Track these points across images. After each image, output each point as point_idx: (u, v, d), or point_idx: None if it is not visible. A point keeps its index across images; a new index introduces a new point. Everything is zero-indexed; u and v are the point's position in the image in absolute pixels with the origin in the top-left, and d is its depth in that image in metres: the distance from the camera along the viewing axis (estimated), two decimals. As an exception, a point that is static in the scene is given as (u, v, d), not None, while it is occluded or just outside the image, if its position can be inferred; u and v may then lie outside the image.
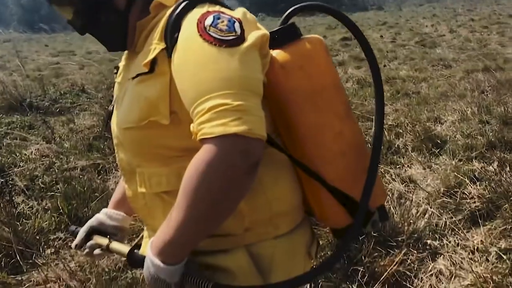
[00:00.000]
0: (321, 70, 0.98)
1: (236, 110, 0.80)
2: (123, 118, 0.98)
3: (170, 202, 0.95)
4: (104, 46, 1.05)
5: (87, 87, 7.22)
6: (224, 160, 0.80)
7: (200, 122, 0.81)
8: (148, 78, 0.92)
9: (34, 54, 14.49)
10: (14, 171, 3.69)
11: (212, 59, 0.84)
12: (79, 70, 10.35)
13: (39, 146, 4.24)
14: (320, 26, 18.75)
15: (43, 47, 18.03)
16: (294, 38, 0.98)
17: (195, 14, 0.89)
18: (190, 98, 0.84)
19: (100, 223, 1.22)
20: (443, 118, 4.65)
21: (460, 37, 11.24)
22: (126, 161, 1.03)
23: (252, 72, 0.85)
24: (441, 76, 6.73)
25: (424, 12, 22.29)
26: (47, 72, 10.08)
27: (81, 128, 5.25)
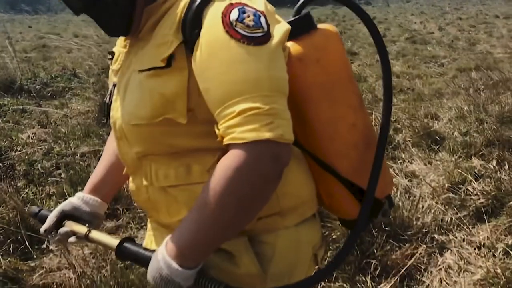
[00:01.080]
0: (337, 63, 0.97)
1: (268, 114, 0.78)
2: (131, 113, 0.92)
3: (174, 196, 0.94)
4: (104, 30, 0.96)
5: (78, 72, 7.09)
6: (255, 167, 0.78)
7: (229, 126, 0.79)
8: (163, 73, 0.87)
9: (18, 35, 14.12)
10: (12, 155, 3.61)
11: (240, 58, 0.80)
12: (67, 53, 10.14)
13: (36, 130, 4.15)
14: (310, 18, 18.74)
15: (27, 29, 17.59)
16: (310, 29, 0.96)
17: (217, 6, 0.84)
18: (216, 99, 0.81)
19: (74, 208, 1.12)
20: (440, 115, 4.72)
21: (449, 35, 11.41)
22: (130, 155, 0.98)
23: (280, 71, 0.83)
24: (434, 73, 6.83)
25: (412, 9, 22.53)
26: (35, 54, 9.84)
27: (76, 113, 5.17)
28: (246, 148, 0.77)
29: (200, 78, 0.83)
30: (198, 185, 0.89)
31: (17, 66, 6.70)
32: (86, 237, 1.04)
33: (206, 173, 0.89)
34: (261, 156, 0.78)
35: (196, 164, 0.91)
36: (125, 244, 0.94)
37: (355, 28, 14.14)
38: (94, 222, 1.13)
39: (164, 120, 0.87)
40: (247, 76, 0.79)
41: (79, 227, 1.06)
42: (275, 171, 0.80)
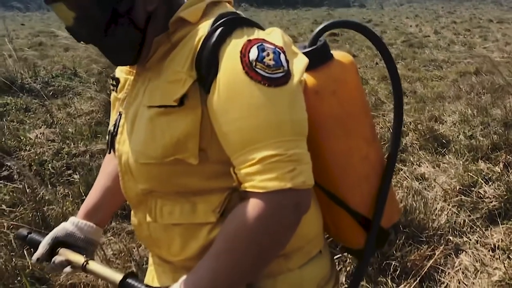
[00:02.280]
0: (353, 94, 0.94)
1: (290, 160, 0.75)
2: (139, 151, 0.88)
3: (177, 235, 0.91)
4: (109, 59, 0.92)
5: (78, 71, 7.05)
6: (276, 217, 0.76)
7: (249, 173, 0.77)
8: (175, 112, 0.83)
9: (12, 33, 13.96)
10: (22, 155, 3.59)
11: (261, 102, 0.76)
12: (64, 52, 10.07)
13: (43, 130, 4.12)
14: (306, 20, 18.85)
15: (20, 26, 17.43)
16: (326, 60, 0.93)
17: (235, 44, 0.80)
18: (235, 144, 0.78)
19: (68, 234, 1.06)
20: (443, 119, 4.79)
21: (446, 39, 11.53)
22: (135, 191, 0.94)
23: (301, 112, 0.80)
24: (434, 77, 6.91)
25: (406, 12, 22.70)
26: (32, 52, 9.75)
27: (80, 113, 5.15)
28: (267, 198, 0.75)
29: (217, 121, 0.80)
30: (202, 226, 0.88)
31: (17, 65, 6.65)
32: (83, 268, 0.98)
33: (211, 214, 0.87)
34: (283, 206, 0.75)
35: (202, 203, 0.88)
36: (128, 280, 0.90)
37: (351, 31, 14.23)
38: (89, 249, 1.08)
39: (174, 160, 0.84)
40: (269, 121, 0.76)
41: (76, 256, 1.00)
42: (296, 219, 0.78)
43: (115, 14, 0.84)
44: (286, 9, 26.87)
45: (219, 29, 0.81)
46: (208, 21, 0.85)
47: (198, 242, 0.89)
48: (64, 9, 0.84)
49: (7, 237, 2.36)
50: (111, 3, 0.83)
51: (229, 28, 0.81)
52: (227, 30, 0.81)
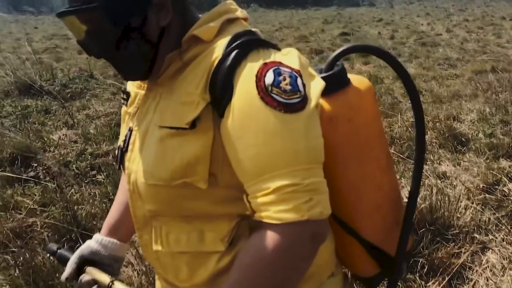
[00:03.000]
0: (369, 122, 0.91)
1: (307, 190, 0.73)
2: (148, 171, 0.85)
3: (184, 262, 0.89)
4: (121, 74, 0.90)
5: (94, 73, 7.14)
6: (293, 250, 0.73)
7: (263, 203, 0.74)
8: (186, 134, 0.80)
9: (27, 36, 14.16)
10: (47, 156, 3.66)
11: (277, 129, 0.73)
12: (78, 54, 10.19)
13: (66, 131, 4.19)
14: (315, 19, 18.85)
15: (33, 30, 17.65)
16: (343, 85, 0.90)
17: (251, 68, 0.77)
18: (249, 172, 0.75)
19: (93, 252, 1.07)
20: (461, 117, 4.77)
21: (458, 37, 11.47)
22: (142, 211, 0.92)
23: (317, 139, 0.77)
24: (449, 75, 6.88)
25: (417, 11, 22.58)
26: (47, 55, 9.89)
27: (99, 115, 5.23)
28: (284, 230, 0.72)
29: (231, 147, 0.77)
30: (210, 254, 0.86)
31: (35, 68, 6.76)
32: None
33: (219, 242, 0.85)
34: (299, 238, 0.73)
35: (210, 231, 0.85)
36: None
37: (362, 29, 14.22)
38: (115, 266, 1.09)
39: (183, 183, 0.81)
40: (284, 149, 0.73)
41: (102, 276, 1.03)
42: (313, 251, 0.76)
43: (127, 29, 0.81)
44: (295, 9, 26.86)
45: (234, 52, 0.79)
46: (223, 40, 0.82)
47: (207, 270, 0.87)
48: (75, 23, 0.82)
49: (41, 236, 2.41)
50: (124, 17, 0.81)
51: (245, 51, 0.79)
52: (243, 53, 0.79)
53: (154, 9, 0.82)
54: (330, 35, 12.78)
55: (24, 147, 3.67)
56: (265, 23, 17.02)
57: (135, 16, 0.81)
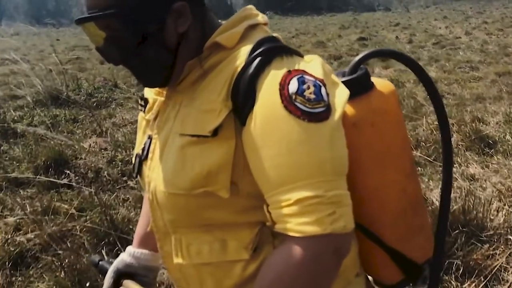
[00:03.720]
0: (393, 126, 0.90)
1: (330, 202, 0.71)
2: (168, 180, 0.83)
3: (208, 274, 0.88)
4: (139, 81, 0.89)
5: (118, 82, 7.30)
6: (315, 264, 0.71)
7: (284, 214, 0.72)
8: (208, 142, 0.79)
9: (49, 48, 14.51)
10: (78, 164, 3.76)
11: (300, 138, 0.72)
12: (100, 64, 10.40)
13: (95, 139, 4.30)
14: (332, 25, 18.88)
15: (55, 41, 18.06)
16: (367, 89, 0.89)
17: (274, 76, 0.76)
18: (271, 182, 0.74)
19: (127, 266, 1.09)
20: (486, 120, 4.74)
21: (478, 40, 11.35)
22: (162, 221, 0.90)
23: (342, 150, 0.75)
24: (472, 78, 6.83)
25: (433, 14, 22.42)
26: (70, 66, 10.12)
27: (125, 123, 5.34)
28: (305, 244, 0.70)
29: (252, 156, 0.76)
30: (234, 263, 0.84)
31: (61, 78, 6.93)
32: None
33: (243, 250, 0.83)
34: (322, 252, 0.71)
35: (233, 240, 0.84)
36: None
37: (380, 34, 14.19)
38: (149, 276, 1.11)
39: (204, 193, 0.80)
40: (308, 159, 0.72)
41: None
42: (336, 265, 0.73)
43: (145, 35, 0.81)
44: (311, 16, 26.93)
45: (258, 59, 0.77)
46: (246, 47, 0.81)
47: (232, 279, 0.86)
48: (94, 29, 0.82)
49: (80, 239, 2.49)
50: (142, 24, 0.81)
51: (268, 58, 0.78)
52: (266, 60, 0.77)
53: (173, 15, 0.82)
54: (347, 40, 12.78)
55: (56, 155, 3.78)
56: (282, 30, 17.12)
57: (154, 22, 0.81)
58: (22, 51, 13.35)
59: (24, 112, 5.60)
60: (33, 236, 2.55)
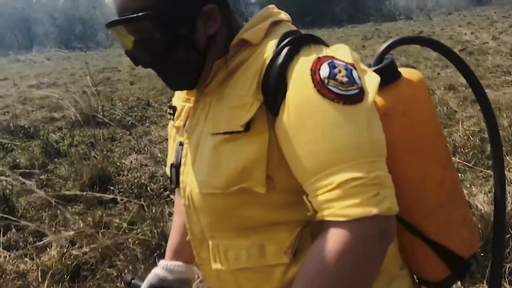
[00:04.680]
0: (424, 114, 0.88)
1: (373, 184, 0.69)
2: (203, 181, 0.83)
3: (247, 279, 0.86)
4: (167, 84, 0.89)
5: (151, 101, 7.51)
6: (362, 249, 0.68)
7: (326, 200, 0.70)
8: (241, 137, 0.78)
9: (79, 71, 15.04)
10: (121, 180, 3.89)
11: (336, 121, 0.71)
12: (130, 85, 10.71)
13: (136, 156, 4.44)
14: (354, 36, 18.90)
15: (84, 64, 18.68)
16: (395, 78, 0.87)
17: (304, 62, 0.76)
18: (309, 168, 0.72)
19: (161, 280, 1.06)
20: (524, 124, 4.67)
21: (507, 44, 11.16)
22: (199, 227, 0.90)
23: (379, 131, 0.74)
24: (505, 83, 6.74)
25: (457, 21, 22.17)
26: (102, 87, 10.46)
27: (160, 140, 5.48)
28: (350, 227, 0.68)
29: (287, 145, 0.75)
30: (274, 267, 0.83)
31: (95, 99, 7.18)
32: None
33: (282, 255, 0.82)
34: (368, 235, 0.68)
35: (271, 244, 0.82)
36: None
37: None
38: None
39: (240, 190, 0.79)
40: (347, 141, 0.70)
41: None
42: (383, 250, 0.71)
43: (176, 37, 0.81)
44: (332, 28, 27.01)
45: (286, 48, 0.78)
46: (272, 41, 0.82)
47: (272, 284, 0.84)
48: (124, 33, 0.82)
49: (133, 251, 2.58)
50: (173, 26, 0.81)
51: (296, 47, 0.78)
52: (294, 49, 0.77)
53: (203, 17, 0.83)
54: (371, 50, 12.77)
55: (100, 172, 3.92)
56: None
57: (184, 24, 0.82)
58: (55, 75, 13.89)
59: (64, 133, 5.82)
60: (88, 249, 2.65)
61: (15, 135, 5.72)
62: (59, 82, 11.91)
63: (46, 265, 2.58)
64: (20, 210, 3.41)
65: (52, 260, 2.65)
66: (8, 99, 9.10)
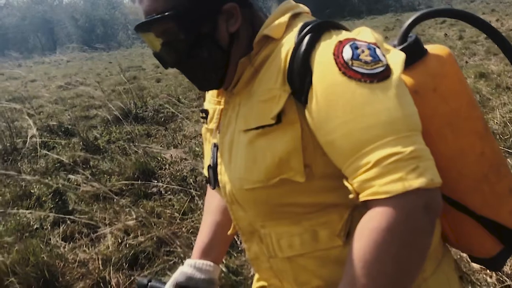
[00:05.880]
0: (456, 88, 0.86)
1: (411, 157, 0.67)
2: (243, 177, 0.84)
3: (303, 265, 0.87)
4: (195, 84, 0.92)
5: (181, 98, 7.65)
6: (408, 224, 0.67)
7: (366, 179, 0.69)
8: (273, 130, 0.80)
9: (105, 71, 15.34)
10: (164, 174, 4.01)
11: (365, 100, 0.71)
12: (156, 82, 10.88)
13: (174, 151, 4.56)
14: (375, 27, 18.63)
15: (108, 64, 19.00)
16: (421, 55, 0.86)
17: (326, 47, 0.76)
18: (345, 151, 0.72)
19: (188, 278, 1.05)
20: None
21: (535, 30, 10.94)
22: (247, 220, 0.91)
23: (411, 106, 0.73)
24: (538, 69, 6.63)
25: (480, 8, 21.72)
26: (130, 85, 10.66)
27: (194, 135, 5.61)
28: (393, 203, 0.67)
29: (320, 132, 0.75)
30: (328, 251, 0.84)
31: (127, 97, 7.36)
32: None
33: (335, 238, 0.83)
34: (413, 209, 0.67)
35: (323, 229, 0.84)
36: None
37: (427, 32, 13.95)
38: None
39: (280, 181, 0.80)
40: (379, 118, 0.70)
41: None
42: (431, 222, 0.69)
43: (198, 37, 0.84)
44: (351, 20, 26.78)
45: (307, 36, 0.79)
46: (293, 32, 0.83)
47: (328, 267, 0.86)
48: (152, 37, 0.86)
49: (188, 240, 2.69)
50: (195, 25, 0.83)
51: (317, 33, 0.78)
52: (315, 36, 0.78)
53: (224, 16, 0.85)
54: (395, 41, 12.66)
55: (143, 166, 4.06)
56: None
57: (206, 23, 0.84)
58: (81, 75, 14.18)
59: (101, 130, 6.00)
60: (144, 238, 2.78)
61: (54, 133, 5.92)
62: (87, 82, 12.18)
63: (105, 254, 2.72)
64: (71, 203, 3.56)
65: (109, 249, 2.79)
66: (40, 99, 9.35)
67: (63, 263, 2.67)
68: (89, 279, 2.49)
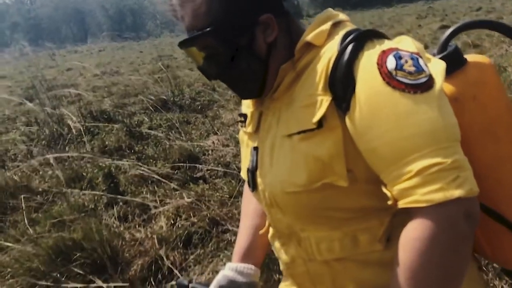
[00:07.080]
0: (495, 96, 0.88)
1: (452, 168, 0.70)
2: (285, 180, 0.86)
3: (341, 269, 0.89)
4: (236, 93, 0.95)
5: (216, 86, 7.77)
6: (450, 232, 0.70)
7: (407, 188, 0.72)
8: (314, 135, 0.82)
9: (137, 60, 15.63)
10: (207, 159, 4.14)
11: (409, 110, 0.73)
12: (189, 71, 11.04)
13: (217, 137, 4.68)
14: (407, 16, 18.38)
15: (140, 54, 19.36)
16: (461, 64, 0.89)
17: (370, 57, 0.79)
18: (386, 159, 0.74)
19: (231, 281, 1.06)
20: None
21: None
22: (286, 223, 0.93)
23: (452, 117, 0.75)
24: None
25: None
26: (164, 74, 10.87)
27: (232, 122, 5.72)
28: (435, 212, 0.70)
29: (362, 139, 0.77)
30: (368, 254, 0.86)
31: (163, 85, 7.53)
32: None
33: (376, 243, 0.85)
34: (454, 218, 0.70)
35: (363, 234, 0.86)
36: None
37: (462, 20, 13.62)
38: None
39: (323, 185, 0.82)
40: (421, 129, 0.72)
41: None
42: (470, 230, 0.72)
43: (237, 49, 0.87)
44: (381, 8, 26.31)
45: (350, 45, 0.81)
46: (335, 40, 0.84)
47: (368, 271, 0.87)
48: (195, 52, 0.90)
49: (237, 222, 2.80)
50: (232, 39, 0.87)
51: (360, 43, 0.80)
52: (358, 45, 0.80)
53: (260, 27, 0.87)
54: (429, 29, 12.43)
55: (187, 152, 4.19)
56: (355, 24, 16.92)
57: (244, 36, 0.87)
58: (114, 63, 14.51)
59: (141, 118, 6.18)
60: (196, 219, 2.90)
61: (96, 119, 6.14)
62: (121, 71, 12.47)
63: (160, 234, 2.86)
64: (122, 186, 3.73)
65: (163, 229, 2.93)
66: (78, 88, 9.65)
67: (121, 241, 2.82)
68: (147, 256, 2.63)
